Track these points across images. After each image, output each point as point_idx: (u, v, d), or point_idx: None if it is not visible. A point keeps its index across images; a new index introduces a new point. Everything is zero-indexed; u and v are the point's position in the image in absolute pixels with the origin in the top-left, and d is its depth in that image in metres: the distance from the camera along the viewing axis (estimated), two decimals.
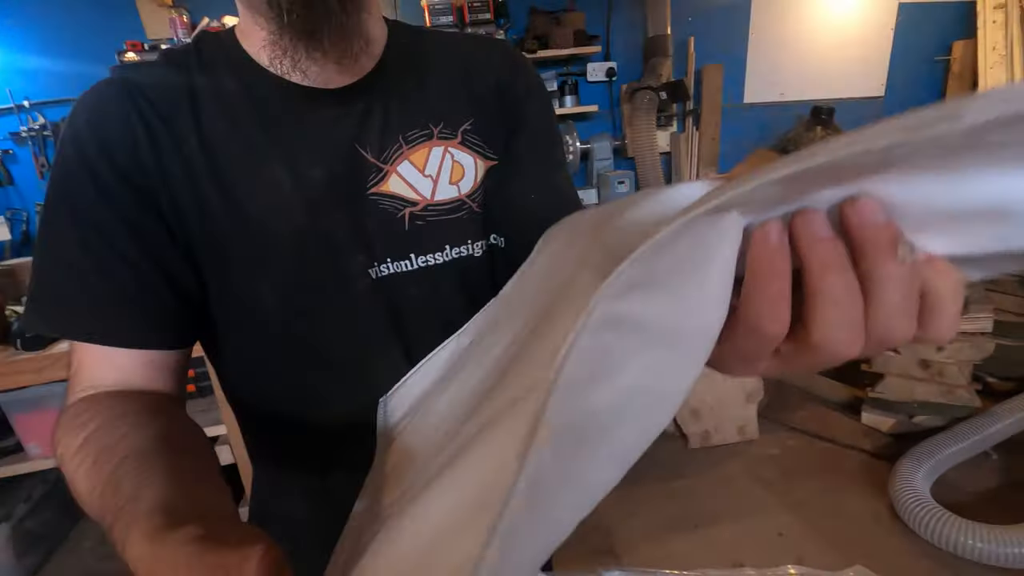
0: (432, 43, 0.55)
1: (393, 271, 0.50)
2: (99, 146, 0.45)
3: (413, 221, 0.50)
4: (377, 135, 0.50)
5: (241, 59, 0.50)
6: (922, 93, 2.87)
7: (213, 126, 0.48)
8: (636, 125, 2.39)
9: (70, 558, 1.94)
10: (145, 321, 0.46)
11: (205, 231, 0.47)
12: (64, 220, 0.46)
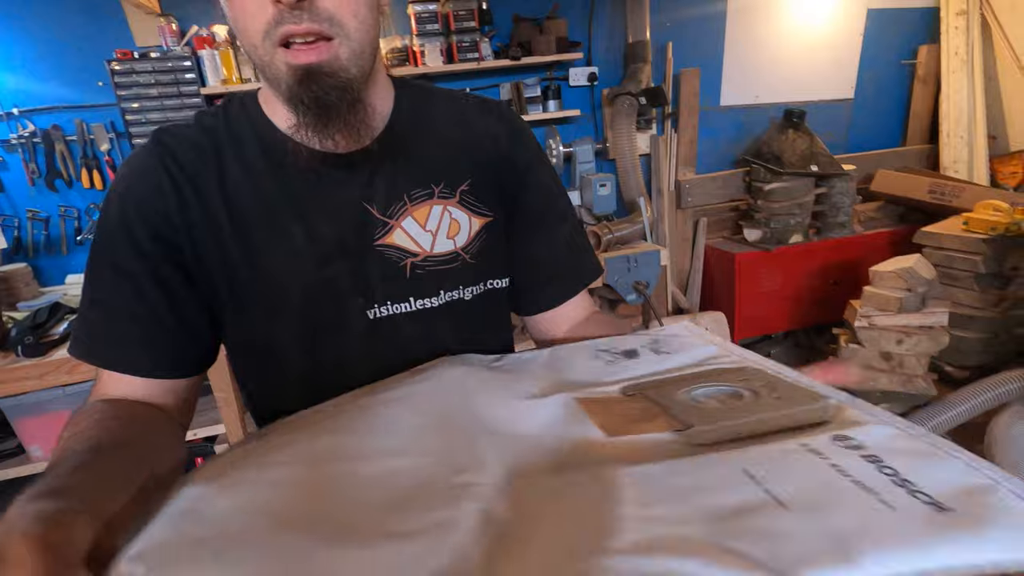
0: (438, 107, 0.63)
1: (391, 312, 0.59)
2: (135, 208, 0.54)
3: (414, 270, 0.59)
4: (384, 194, 0.58)
5: (263, 124, 0.57)
6: (889, 96, 3.00)
7: (236, 186, 0.55)
8: (617, 129, 2.47)
9: None
10: (157, 356, 0.54)
11: (227, 279, 0.56)
12: (105, 269, 0.54)
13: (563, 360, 0.56)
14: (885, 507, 0.29)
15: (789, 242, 2.65)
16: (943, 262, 2.35)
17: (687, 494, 0.32)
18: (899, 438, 0.36)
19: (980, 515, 0.28)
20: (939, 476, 0.31)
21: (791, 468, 0.33)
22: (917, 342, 2.10)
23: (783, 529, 0.27)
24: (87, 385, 1.80)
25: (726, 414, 0.40)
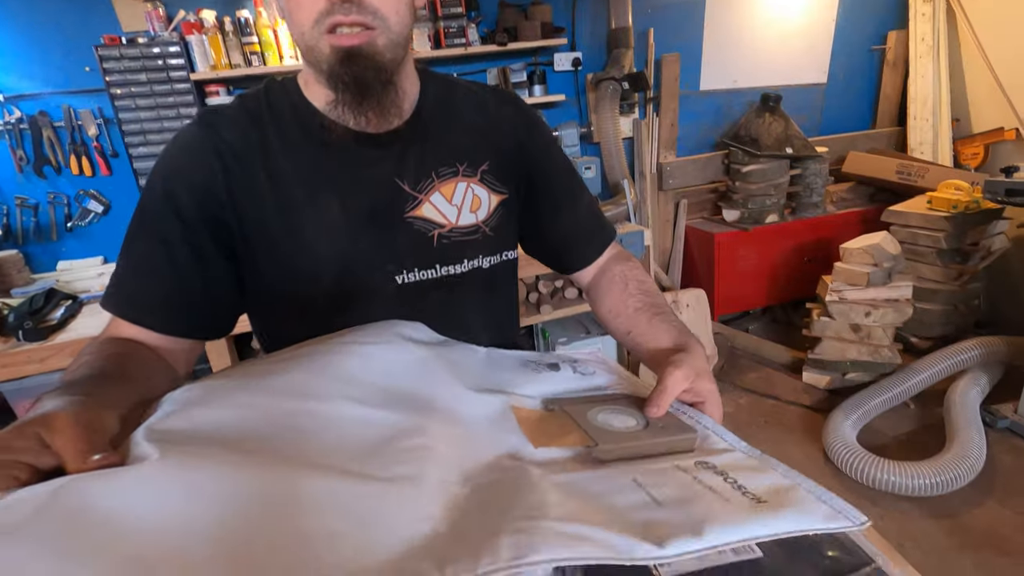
0: (460, 96, 0.70)
1: (419, 278, 0.66)
2: (182, 181, 0.59)
3: (440, 240, 0.66)
4: (413, 170, 0.64)
5: (303, 105, 0.63)
6: (860, 80, 3.11)
7: (278, 164, 0.62)
8: (601, 113, 2.54)
9: None
10: (175, 316, 0.60)
11: (268, 249, 0.62)
12: (144, 234, 0.60)
13: (498, 363, 0.61)
14: (723, 501, 0.41)
15: (765, 222, 2.76)
16: (908, 239, 2.49)
17: (594, 496, 0.41)
18: (741, 460, 0.48)
19: (781, 503, 0.42)
20: (762, 482, 0.45)
21: (666, 479, 0.44)
22: (883, 314, 2.24)
23: (659, 518, 0.38)
24: None
25: (623, 437, 0.50)
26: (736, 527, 0.37)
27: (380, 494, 0.37)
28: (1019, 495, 1.77)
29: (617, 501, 0.40)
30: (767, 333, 2.99)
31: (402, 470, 0.40)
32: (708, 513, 0.38)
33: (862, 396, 2.19)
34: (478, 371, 0.58)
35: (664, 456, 0.49)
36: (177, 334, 0.60)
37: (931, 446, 1.98)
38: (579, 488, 0.41)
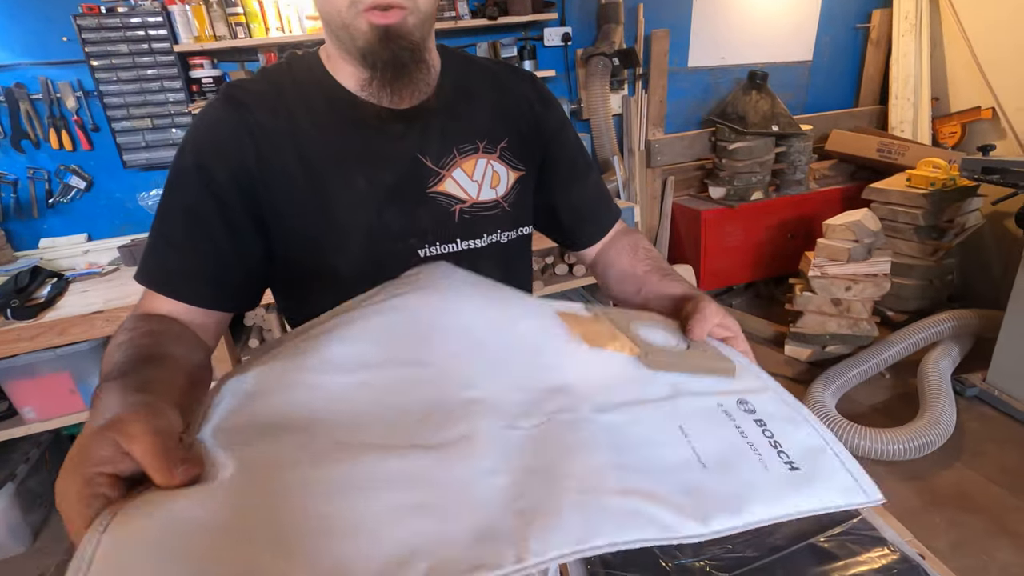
0: (477, 73, 0.71)
1: (440, 251, 0.68)
2: (214, 154, 0.60)
3: (462, 215, 0.67)
4: (436, 147, 0.66)
5: (327, 81, 0.64)
6: (844, 58, 3.15)
7: (306, 138, 0.63)
8: (591, 89, 2.54)
9: None
10: (212, 289, 0.61)
11: (298, 222, 0.63)
12: (176, 207, 0.61)
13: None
14: (762, 468, 0.42)
15: (751, 199, 2.82)
16: (888, 216, 2.56)
17: (643, 447, 0.42)
18: (775, 403, 0.50)
19: (812, 472, 0.43)
20: (796, 438, 0.46)
21: (710, 427, 0.45)
22: (863, 288, 2.31)
23: (705, 487, 0.40)
24: (81, 347, 1.82)
25: (668, 352, 0.51)
26: (772, 504, 0.39)
27: (443, 460, 0.38)
28: (985, 458, 1.88)
29: (665, 457, 0.41)
30: (750, 308, 3.07)
31: (458, 431, 0.40)
32: (749, 486, 0.40)
33: (841, 367, 2.28)
34: (515, 299, 0.57)
35: (708, 376, 0.50)
36: (211, 306, 0.61)
37: (905, 414, 2.08)
38: (628, 437, 0.42)
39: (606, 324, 0.54)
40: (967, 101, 2.83)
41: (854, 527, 0.73)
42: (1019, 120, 2.63)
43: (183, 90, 2.12)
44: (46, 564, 1.82)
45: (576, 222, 0.79)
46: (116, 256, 2.21)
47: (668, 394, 0.47)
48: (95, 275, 2.08)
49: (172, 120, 2.14)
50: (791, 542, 0.71)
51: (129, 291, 1.89)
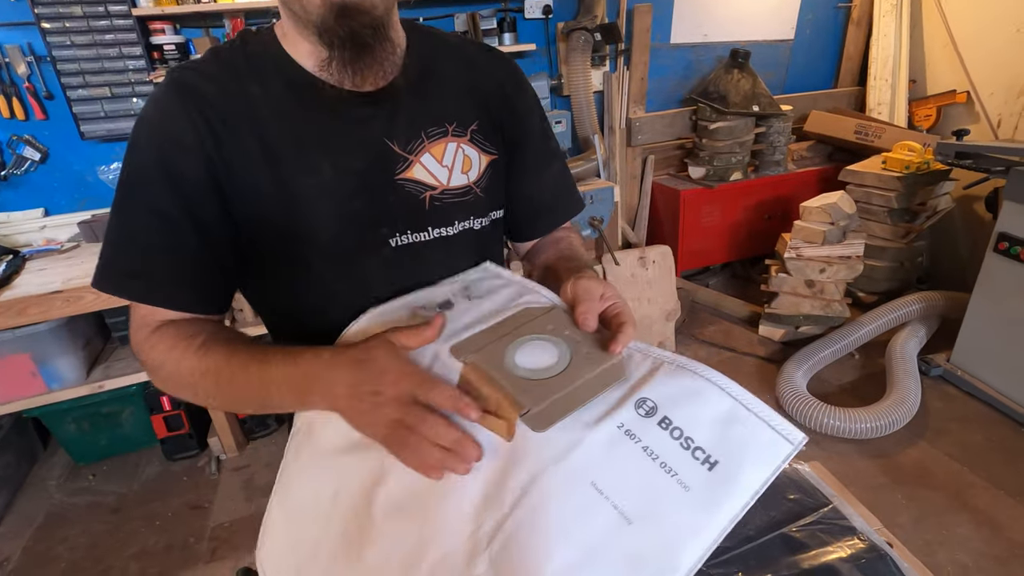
0: (446, 51, 0.67)
1: (411, 240, 0.64)
2: (172, 147, 0.56)
3: (432, 202, 0.64)
4: (403, 130, 0.62)
5: (285, 61, 0.59)
6: (825, 38, 3.13)
7: (265, 123, 0.58)
8: (572, 65, 2.49)
9: (36, 496, 2.00)
10: (204, 293, 0.60)
11: (261, 212, 0.59)
12: (138, 206, 0.57)
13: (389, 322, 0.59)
14: (683, 490, 0.43)
15: (730, 179, 2.81)
16: (863, 198, 2.59)
17: (566, 528, 0.41)
18: (673, 378, 0.49)
19: (737, 457, 0.43)
20: (705, 415, 0.46)
21: (622, 468, 0.44)
22: (837, 270, 2.35)
23: (637, 549, 0.40)
24: (40, 327, 1.75)
25: (550, 387, 0.48)
26: (704, 533, 0.41)
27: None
28: (947, 436, 1.95)
29: (591, 529, 0.41)
30: (726, 288, 3.10)
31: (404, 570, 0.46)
32: (676, 528, 0.41)
33: (813, 348, 2.32)
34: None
35: (601, 396, 0.48)
36: (202, 310, 0.60)
37: (872, 393, 2.14)
38: (549, 523, 0.41)
39: (478, 378, 0.50)
40: (943, 84, 2.85)
41: (825, 516, 0.74)
42: (992, 105, 2.66)
43: (143, 57, 2.00)
44: (10, 549, 1.77)
45: (532, 212, 0.76)
46: (76, 232, 2.12)
47: (566, 444, 0.46)
48: (53, 252, 1.99)
49: (133, 89, 2.03)
50: (763, 533, 0.72)
51: (90, 269, 1.78)
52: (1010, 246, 1.91)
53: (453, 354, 0.52)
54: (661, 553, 0.41)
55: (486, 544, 0.44)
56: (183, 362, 0.56)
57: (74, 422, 2.04)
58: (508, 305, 0.59)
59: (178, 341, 0.57)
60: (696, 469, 0.44)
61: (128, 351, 2.08)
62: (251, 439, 2.19)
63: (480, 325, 0.56)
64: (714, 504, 0.42)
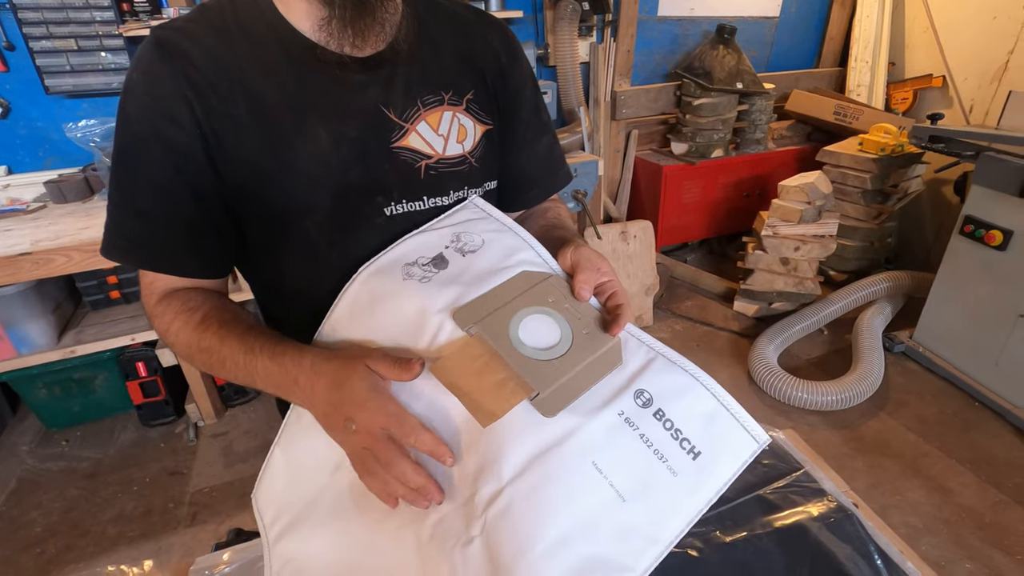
0: (442, 17, 0.66)
1: (406, 210, 0.64)
2: (159, 111, 0.54)
3: (428, 171, 0.64)
4: (399, 98, 0.61)
5: (277, 21, 0.57)
6: (809, 16, 3.14)
7: (258, 87, 0.56)
8: (559, 35, 2.45)
9: (7, 462, 1.97)
10: (204, 260, 0.61)
11: (254, 179, 0.58)
12: (137, 178, 0.57)
13: (385, 295, 0.57)
14: (671, 475, 0.47)
15: (711, 156, 2.84)
16: (839, 179, 2.65)
17: (568, 498, 0.45)
18: (667, 372, 0.52)
19: (717, 450, 0.48)
20: (693, 411, 0.50)
21: (622, 452, 0.47)
22: (810, 249, 2.41)
23: (630, 523, 0.45)
24: (7, 290, 1.71)
25: (557, 369, 0.49)
26: (684, 512, 0.46)
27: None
28: (906, 409, 2.05)
29: (591, 506, 0.45)
30: (704, 264, 3.16)
31: (393, 530, 0.51)
32: (663, 507, 0.46)
33: (784, 323, 2.40)
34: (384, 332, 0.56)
35: (602, 380, 0.51)
36: (204, 276, 0.62)
37: (839, 367, 2.23)
38: (552, 498, 0.44)
39: (482, 353, 0.51)
40: (921, 68, 2.90)
41: (797, 480, 0.79)
42: (965, 90, 2.73)
43: (112, 8, 1.90)
44: None
45: (520, 185, 0.76)
46: (42, 192, 2.03)
47: (570, 427, 0.48)
48: (19, 212, 1.91)
49: (100, 43, 1.93)
50: (739, 495, 0.76)
51: (59, 230, 1.75)
52: (975, 229, 1.99)
53: (456, 321, 0.52)
54: (648, 528, 0.45)
55: (482, 510, 0.46)
56: (182, 334, 0.58)
57: (45, 387, 2.00)
58: (504, 263, 0.59)
59: (180, 313, 0.59)
60: (683, 457, 0.47)
61: (99, 316, 2.03)
62: (229, 406, 2.18)
63: (478, 286, 0.56)
64: (696, 488, 0.47)
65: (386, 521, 0.51)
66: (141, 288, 0.62)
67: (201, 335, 0.57)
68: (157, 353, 1.95)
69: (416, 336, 0.53)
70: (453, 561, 0.46)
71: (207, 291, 0.62)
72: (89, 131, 1.97)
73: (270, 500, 0.57)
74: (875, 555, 0.66)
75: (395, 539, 0.50)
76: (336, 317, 0.59)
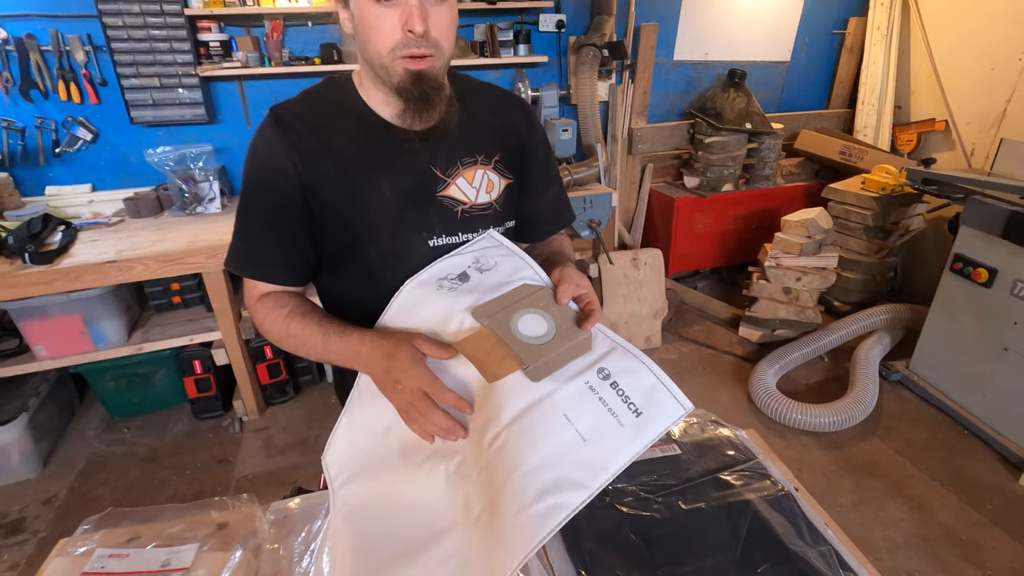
0: (478, 98, 0.88)
1: (445, 243, 0.85)
2: (273, 168, 0.78)
3: (463, 214, 0.85)
4: (444, 159, 0.83)
5: (361, 106, 0.80)
6: (819, 61, 3.33)
7: (341, 152, 0.79)
8: (581, 77, 2.69)
9: (77, 444, 2.22)
10: (294, 273, 0.83)
11: (338, 216, 0.80)
12: (256, 209, 0.80)
13: (423, 300, 0.78)
14: (619, 426, 0.64)
15: (721, 190, 3.02)
16: (842, 215, 2.80)
17: (543, 440, 0.63)
18: (622, 357, 0.70)
19: (653, 412, 0.66)
20: (638, 385, 0.67)
21: (584, 407, 0.66)
22: (811, 280, 2.56)
23: (587, 456, 0.62)
24: (91, 292, 1.96)
25: (543, 351, 0.68)
26: (626, 452, 0.63)
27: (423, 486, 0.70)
28: (896, 433, 2.17)
29: (560, 442, 0.63)
30: (713, 291, 3.31)
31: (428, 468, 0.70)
32: (611, 446, 0.63)
33: (784, 350, 2.54)
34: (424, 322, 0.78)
35: (574, 359, 0.70)
36: (292, 284, 0.84)
37: (836, 393, 2.36)
38: (533, 437, 0.63)
39: (489, 338, 0.70)
40: (925, 112, 3.05)
41: (750, 467, 0.97)
42: (967, 134, 2.87)
43: (191, 52, 2.20)
44: (55, 488, 1.99)
45: (533, 223, 0.97)
46: (120, 208, 2.32)
47: (550, 390, 0.67)
48: (102, 225, 2.19)
49: (179, 80, 2.23)
50: (701, 476, 0.95)
51: (138, 242, 2.02)
52: (964, 266, 2.13)
53: (474, 316, 0.73)
54: (600, 460, 0.63)
55: (487, 447, 0.65)
56: (275, 325, 0.81)
57: (112, 380, 2.26)
58: (510, 278, 0.79)
59: (273, 309, 0.81)
60: (629, 415, 0.66)
61: (162, 318, 2.29)
62: (271, 404, 2.41)
63: (490, 293, 0.76)
64: (636, 436, 0.64)
65: (422, 465, 0.72)
66: (245, 290, 0.85)
67: (288, 324, 0.79)
68: (212, 353, 2.20)
69: (445, 327, 0.74)
70: (467, 487, 0.66)
71: (292, 293, 0.84)
72: (164, 156, 2.26)
73: (335, 459, 0.78)
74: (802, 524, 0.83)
75: (428, 475, 0.70)
76: (389, 315, 0.80)
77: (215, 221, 2.25)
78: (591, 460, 0.62)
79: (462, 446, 0.69)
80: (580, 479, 0.60)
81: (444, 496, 0.69)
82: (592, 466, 0.61)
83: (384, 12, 0.68)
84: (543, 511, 0.59)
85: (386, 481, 0.74)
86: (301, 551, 0.80)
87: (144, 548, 0.80)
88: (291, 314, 0.80)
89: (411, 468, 0.72)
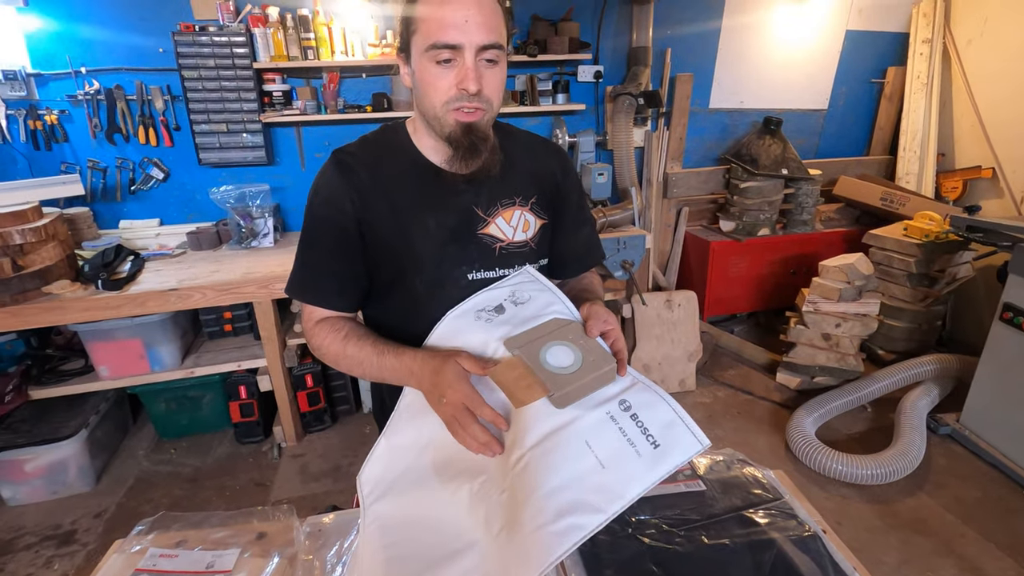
0: (517, 145, 0.95)
1: (483, 276, 0.91)
2: (333, 204, 0.86)
3: (501, 251, 0.92)
4: (485, 200, 0.90)
5: (411, 149, 0.89)
6: (858, 110, 3.35)
7: (393, 190, 0.87)
8: (617, 124, 2.79)
9: (128, 462, 2.34)
10: (348, 300, 0.91)
11: (388, 250, 0.88)
12: (317, 242, 0.89)
13: (463, 330, 0.84)
14: (636, 456, 0.67)
15: (758, 234, 3.02)
16: (884, 261, 2.75)
17: (564, 464, 0.66)
18: (643, 392, 0.73)
19: (670, 446, 0.68)
20: (657, 418, 0.70)
21: (604, 436, 0.68)
22: (851, 326, 2.51)
23: (604, 482, 0.65)
24: (153, 318, 2.11)
25: (568, 380, 0.70)
26: (643, 481, 0.65)
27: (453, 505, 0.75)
28: (945, 490, 2.06)
29: (579, 468, 0.66)
30: (749, 335, 3.26)
31: (454, 488, 0.75)
32: (629, 475, 0.65)
33: (824, 397, 2.47)
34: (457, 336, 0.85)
35: (598, 389, 0.73)
36: (353, 310, 0.92)
37: (879, 445, 2.26)
38: (554, 460, 0.66)
39: (519, 367, 0.74)
40: (970, 159, 3.01)
41: (776, 506, 0.97)
42: (1016, 180, 2.81)
43: (256, 100, 2.41)
44: (107, 503, 2.10)
45: (566, 261, 1.03)
46: (183, 240, 2.51)
47: (573, 417, 0.71)
48: (166, 256, 2.37)
49: (244, 126, 2.44)
50: (726, 512, 0.95)
51: (197, 273, 2.17)
52: (1014, 316, 2.06)
53: (506, 346, 0.78)
54: (617, 488, 0.65)
55: (511, 468, 0.69)
56: (332, 347, 0.88)
57: (164, 402, 2.39)
58: (542, 312, 0.84)
59: (329, 333, 0.88)
60: (647, 446, 0.68)
61: (214, 345, 2.43)
62: (308, 432, 2.49)
63: (523, 326, 0.81)
64: (653, 467, 0.67)
65: (448, 484, 0.76)
66: (303, 315, 0.93)
67: (345, 346, 0.86)
68: (257, 379, 2.31)
69: (482, 355, 0.79)
70: (488, 505, 0.69)
71: (347, 318, 0.92)
72: (227, 194, 2.45)
73: (370, 478, 0.83)
74: (829, 567, 0.82)
75: (453, 494, 0.74)
76: (431, 342, 0.86)
77: (268, 255, 2.40)
78: (609, 486, 0.64)
79: (489, 465, 0.73)
80: (598, 503, 0.63)
81: (466, 515, 0.73)
82: (609, 492, 0.64)
83: (443, 72, 0.77)
84: (561, 530, 0.62)
85: (415, 499, 0.79)
86: (333, 562, 0.85)
87: (191, 551, 0.86)
88: (347, 337, 0.87)
89: (439, 486, 0.77)
